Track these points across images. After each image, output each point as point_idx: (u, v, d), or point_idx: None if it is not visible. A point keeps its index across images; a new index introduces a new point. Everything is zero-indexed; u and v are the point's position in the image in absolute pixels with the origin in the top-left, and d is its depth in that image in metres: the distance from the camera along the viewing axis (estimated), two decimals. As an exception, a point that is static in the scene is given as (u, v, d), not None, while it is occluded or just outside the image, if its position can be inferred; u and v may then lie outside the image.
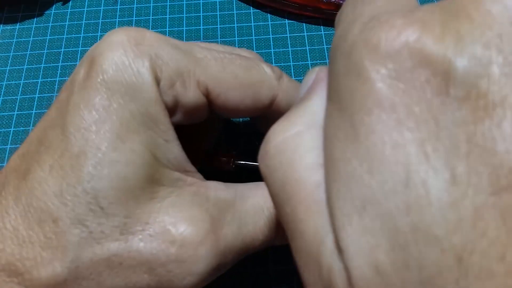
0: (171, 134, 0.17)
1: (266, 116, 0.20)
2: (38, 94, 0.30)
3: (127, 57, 0.16)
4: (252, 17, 0.32)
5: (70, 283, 0.15)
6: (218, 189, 0.18)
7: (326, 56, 0.30)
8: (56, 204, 0.15)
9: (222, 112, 0.19)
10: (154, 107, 0.16)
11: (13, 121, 0.29)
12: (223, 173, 0.21)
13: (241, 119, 0.28)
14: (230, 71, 0.18)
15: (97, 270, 0.15)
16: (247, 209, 0.18)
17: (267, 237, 0.18)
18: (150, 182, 0.16)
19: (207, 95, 0.18)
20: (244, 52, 0.21)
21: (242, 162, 0.21)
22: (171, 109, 0.17)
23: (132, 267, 0.15)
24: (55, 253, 0.15)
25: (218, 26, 0.32)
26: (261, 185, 0.19)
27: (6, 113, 0.29)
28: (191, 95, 0.17)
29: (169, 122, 0.17)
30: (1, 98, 0.30)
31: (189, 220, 0.16)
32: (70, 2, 0.34)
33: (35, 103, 0.29)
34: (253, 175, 0.22)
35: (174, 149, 0.17)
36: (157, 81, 0.16)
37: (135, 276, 0.15)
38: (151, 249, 0.15)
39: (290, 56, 0.31)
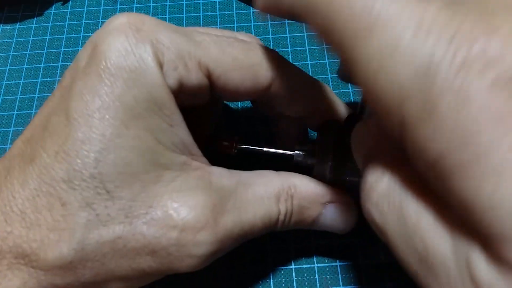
0: (176, 118, 0.17)
1: (265, 100, 0.20)
2: (38, 94, 0.30)
3: (129, 43, 0.16)
4: (252, 17, 0.32)
5: (76, 265, 0.15)
6: (221, 176, 0.18)
7: (326, 56, 0.30)
8: (65, 189, 0.15)
9: (223, 94, 0.19)
10: (158, 92, 0.16)
11: (13, 121, 0.29)
12: (225, 157, 0.21)
13: (240, 104, 0.28)
14: (229, 53, 0.18)
15: (102, 252, 0.16)
16: (248, 197, 0.18)
17: (266, 225, 0.19)
18: (155, 166, 0.16)
19: (208, 76, 0.18)
20: (243, 35, 0.21)
21: (244, 146, 0.21)
22: (176, 92, 0.17)
23: (135, 250, 0.16)
24: (62, 235, 0.15)
25: (218, 26, 0.32)
26: (263, 174, 0.20)
27: (6, 113, 0.29)
28: (193, 77, 0.18)
29: (175, 105, 0.17)
30: (1, 97, 0.30)
31: (191, 206, 0.16)
32: (70, 2, 0.34)
33: (35, 103, 0.29)
34: (255, 159, 0.22)
35: (179, 133, 0.17)
36: (160, 65, 0.17)
37: (138, 258, 0.16)
38: (154, 233, 0.16)
39: (290, 56, 0.31)
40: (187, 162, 0.17)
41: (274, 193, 0.19)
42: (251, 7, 0.33)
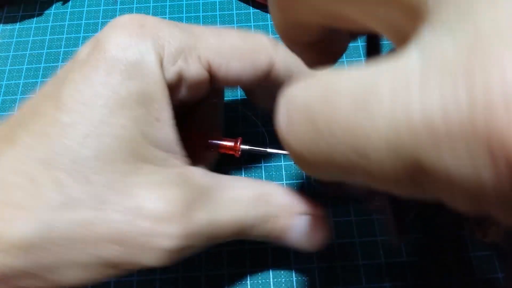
0: (165, 114, 0.17)
1: (263, 89, 0.21)
2: (38, 93, 0.30)
3: (131, 38, 0.17)
4: (252, 17, 0.32)
5: (39, 247, 0.15)
6: (199, 176, 0.18)
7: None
8: (39, 169, 0.15)
9: (224, 84, 0.20)
10: (152, 86, 0.17)
11: (13, 121, 0.29)
12: (228, 157, 0.21)
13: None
14: (228, 42, 0.19)
15: (70, 237, 0.15)
16: (223, 198, 0.18)
17: (238, 228, 0.18)
18: (135, 157, 0.16)
19: (209, 69, 0.19)
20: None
21: (247, 147, 0.21)
22: (175, 86, 0.18)
23: (104, 238, 0.16)
24: (29, 214, 0.15)
25: (218, 26, 0.32)
26: (241, 179, 0.20)
27: (6, 113, 0.29)
28: (193, 70, 0.18)
29: (167, 101, 0.17)
30: (1, 97, 0.30)
31: (164, 198, 0.17)
32: (70, 1, 0.34)
33: (35, 102, 0.29)
34: (258, 159, 0.22)
35: (164, 129, 0.17)
36: (160, 60, 0.17)
37: (106, 247, 0.16)
38: (124, 222, 0.16)
39: (290, 56, 0.31)
40: (168, 159, 0.17)
41: (249, 197, 0.19)
42: (251, 7, 0.33)
